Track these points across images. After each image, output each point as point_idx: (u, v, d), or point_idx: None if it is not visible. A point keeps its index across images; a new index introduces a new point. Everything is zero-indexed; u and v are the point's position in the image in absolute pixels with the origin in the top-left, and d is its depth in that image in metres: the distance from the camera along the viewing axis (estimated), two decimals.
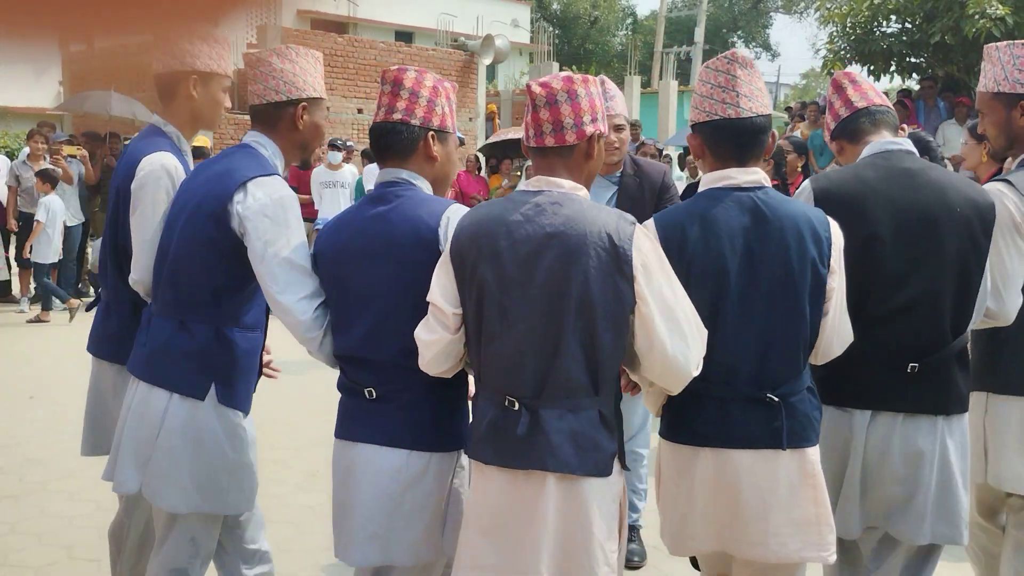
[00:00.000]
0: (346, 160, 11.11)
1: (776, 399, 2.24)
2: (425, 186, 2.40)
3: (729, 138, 2.33)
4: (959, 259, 2.51)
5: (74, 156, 10.65)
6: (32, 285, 10.34)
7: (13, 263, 10.09)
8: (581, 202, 2.15)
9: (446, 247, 2.21)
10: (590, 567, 2.10)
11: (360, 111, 18.98)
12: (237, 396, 2.59)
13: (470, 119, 20.79)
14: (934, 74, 11.99)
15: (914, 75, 13.16)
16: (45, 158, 10.03)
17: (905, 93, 10.59)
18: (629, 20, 44.92)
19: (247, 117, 2.66)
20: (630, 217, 2.16)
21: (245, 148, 2.59)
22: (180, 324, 2.55)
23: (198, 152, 10.43)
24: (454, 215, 2.29)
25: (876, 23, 12.64)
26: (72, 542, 4.02)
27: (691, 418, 2.30)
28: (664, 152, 6.75)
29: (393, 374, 2.32)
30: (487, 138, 16.79)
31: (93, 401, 2.99)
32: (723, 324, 2.25)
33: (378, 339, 2.31)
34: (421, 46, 22.02)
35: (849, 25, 12.67)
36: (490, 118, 20.90)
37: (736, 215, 2.28)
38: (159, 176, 2.69)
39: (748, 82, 2.33)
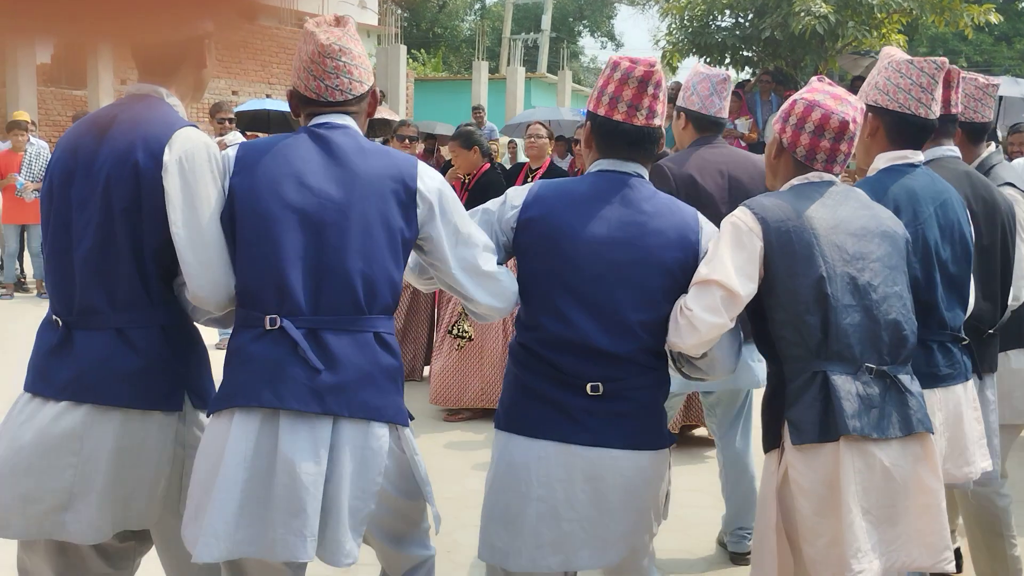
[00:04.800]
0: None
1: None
2: None
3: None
4: None
5: None
6: None
7: None
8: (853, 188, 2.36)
9: (757, 233, 2.14)
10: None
11: (235, 93, 18.44)
12: None
13: None
14: (765, 68, 12.61)
15: (746, 68, 13.80)
16: None
17: (740, 85, 11.11)
18: (478, 5, 45.06)
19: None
20: None
21: (344, 129, 2.18)
22: (377, 338, 2.08)
23: (16, 126, 9.72)
24: (706, 225, 2.27)
25: (712, 17, 13.19)
26: None
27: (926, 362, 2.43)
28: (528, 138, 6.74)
29: (630, 369, 2.16)
30: None
31: (119, 466, 2.11)
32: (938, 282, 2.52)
33: (618, 330, 2.13)
34: (264, 24, 21.38)
35: (687, 18, 13.17)
36: None
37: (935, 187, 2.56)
38: (205, 157, 2.11)
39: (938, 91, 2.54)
